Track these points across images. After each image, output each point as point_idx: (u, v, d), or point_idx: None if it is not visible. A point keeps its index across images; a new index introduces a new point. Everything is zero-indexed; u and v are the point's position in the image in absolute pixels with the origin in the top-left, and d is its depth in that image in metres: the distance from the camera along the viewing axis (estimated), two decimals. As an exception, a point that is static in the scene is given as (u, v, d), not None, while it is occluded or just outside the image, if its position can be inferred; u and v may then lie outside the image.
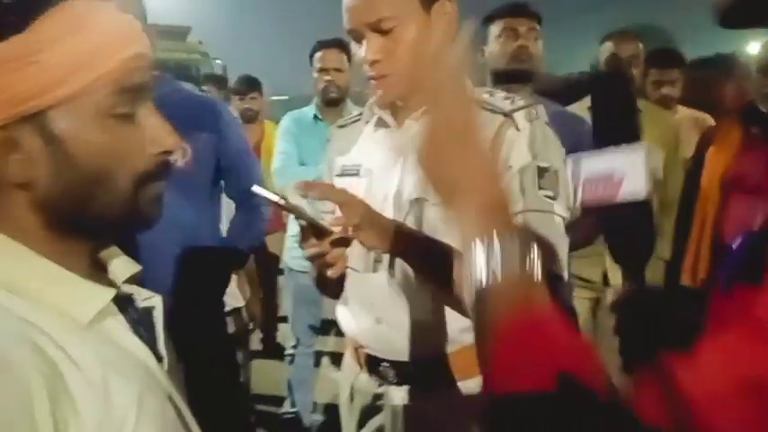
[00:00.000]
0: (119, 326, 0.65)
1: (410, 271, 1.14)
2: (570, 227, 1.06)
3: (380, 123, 1.24)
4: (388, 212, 1.14)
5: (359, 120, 1.32)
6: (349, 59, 2.66)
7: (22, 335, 0.54)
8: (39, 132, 0.57)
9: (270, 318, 3.45)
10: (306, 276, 2.65)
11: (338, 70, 2.65)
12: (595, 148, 0.71)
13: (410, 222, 1.13)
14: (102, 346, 0.60)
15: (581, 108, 2.22)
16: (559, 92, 2.45)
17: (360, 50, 1.14)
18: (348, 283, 1.26)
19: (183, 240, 1.63)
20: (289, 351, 2.83)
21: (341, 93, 2.68)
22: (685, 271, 2.24)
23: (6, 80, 0.55)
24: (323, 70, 2.67)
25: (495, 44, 1.95)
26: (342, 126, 1.37)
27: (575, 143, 1.19)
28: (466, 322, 1.12)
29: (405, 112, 1.18)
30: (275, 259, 3.23)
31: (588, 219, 1.02)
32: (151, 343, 0.69)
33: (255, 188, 1.11)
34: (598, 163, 0.69)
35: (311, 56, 2.72)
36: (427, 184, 0.61)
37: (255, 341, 3.45)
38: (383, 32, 1.09)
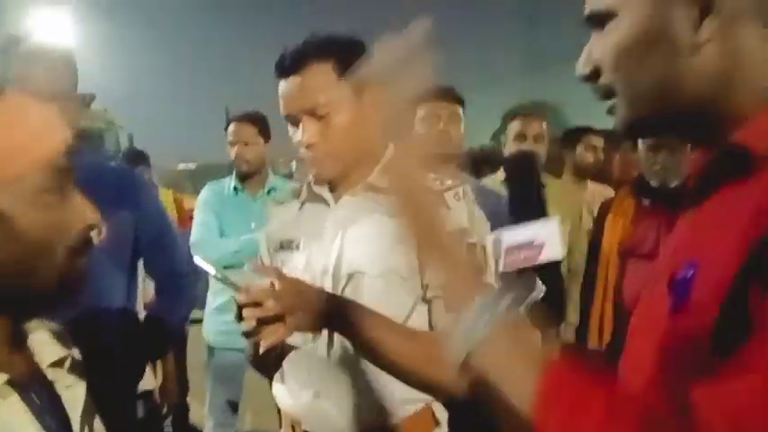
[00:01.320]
0: (15, 413, 0.65)
1: (349, 343, 1.16)
2: None
3: (318, 199, 1.28)
4: (327, 285, 1.17)
5: (294, 195, 1.36)
6: (261, 133, 2.69)
7: None
8: None
9: (181, 398, 3.29)
10: (227, 354, 2.59)
11: (246, 144, 2.67)
12: (512, 222, 0.81)
13: (348, 294, 1.16)
14: None
15: (494, 182, 2.39)
16: (472, 165, 2.62)
17: (296, 133, 1.20)
18: (287, 359, 1.26)
19: (98, 323, 1.53)
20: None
21: (251, 166, 2.69)
22: (592, 333, 2.39)
23: None
24: (232, 143, 2.70)
25: (420, 127, 2.08)
26: (280, 202, 1.41)
27: (494, 216, 1.30)
28: (408, 394, 1.15)
29: (341, 188, 1.24)
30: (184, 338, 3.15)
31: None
32: (63, 426, 0.69)
33: (197, 260, 1.11)
34: (517, 235, 0.79)
35: (225, 129, 2.76)
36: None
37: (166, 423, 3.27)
38: (318, 117, 1.16)
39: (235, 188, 2.73)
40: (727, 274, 0.52)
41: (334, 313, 1.09)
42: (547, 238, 0.79)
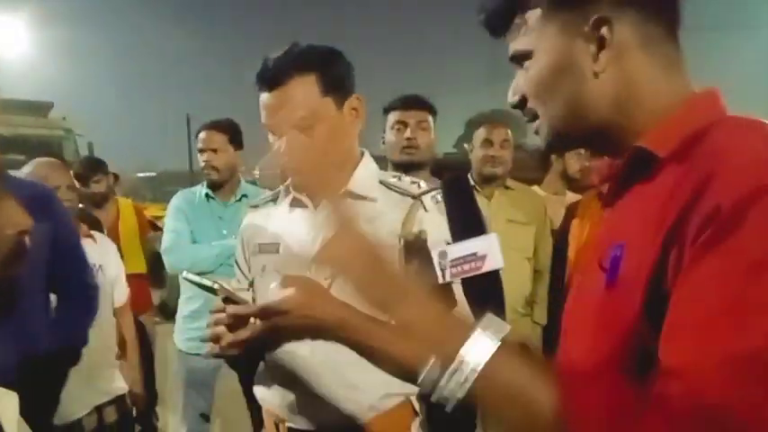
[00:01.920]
0: None
1: (333, 343, 1.19)
2: None
3: (297, 203, 1.32)
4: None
5: (271, 200, 1.39)
6: (231, 141, 2.68)
7: None
8: None
9: (149, 404, 3.26)
10: (198, 359, 2.58)
11: (215, 151, 2.66)
12: (454, 238, 0.91)
13: None
14: None
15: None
16: (437, 172, 2.69)
17: (278, 143, 1.23)
18: (270, 358, 1.28)
19: (15, 339, 1.51)
20: (178, 439, 2.68)
21: (219, 174, 2.67)
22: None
23: None
24: (201, 150, 2.69)
25: (389, 135, 2.13)
26: (255, 206, 1.43)
27: None
28: (388, 389, 1.20)
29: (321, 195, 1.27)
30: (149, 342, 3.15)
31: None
32: None
33: (186, 275, 1.15)
34: (461, 249, 0.90)
35: (196, 136, 2.75)
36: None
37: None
38: (301, 130, 1.20)
39: (206, 195, 2.72)
40: (650, 252, 0.65)
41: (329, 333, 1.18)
42: (488, 250, 0.90)
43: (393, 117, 2.14)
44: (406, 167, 2.02)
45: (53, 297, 1.74)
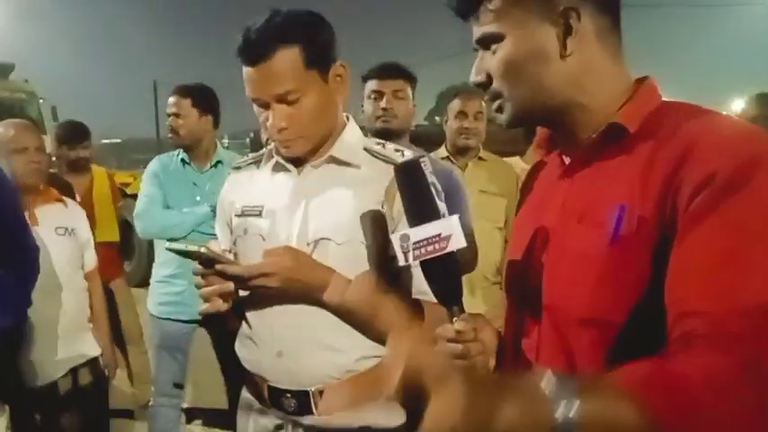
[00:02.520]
0: None
1: (311, 305, 1.23)
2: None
3: (279, 168, 1.33)
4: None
5: (254, 162, 1.40)
6: (195, 105, 2.62)
7: None
8: None
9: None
10: (171, 324, 2.59)
11: (178, 116, 2.62)
12: (411, 222, 0.94)
13: (315, 258, 1.23)
14: None
15: (437, 157, 2.49)
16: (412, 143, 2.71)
17: (263, 115, 1.24)
18: (250, 318, 1.31)
19: None
20: (151, 403, 2.70)
21: (182, 139, 2.64)
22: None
23: None
24: (167, 115, 2.65)
25: (366, 104, 2.14)
26: (237, 168, 1.44)
27: (447, 188, 1.38)
28: (363, 352, 1.23)
29: (304, 159, 1.30)
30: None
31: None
32: None
33: (169, 245, 1.16)
34: (423, 231, 0.92)
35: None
36: None
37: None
38: (289, 103, 1.21)
39: (182, 160, 2.70)
40: (646, 212, 0.75)
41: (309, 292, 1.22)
42: (452, 230, 0.91)
43: (370, 86, 2.14)
44: (382, 136, 2.04)
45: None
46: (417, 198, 0.94)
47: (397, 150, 1.29)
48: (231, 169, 1.46)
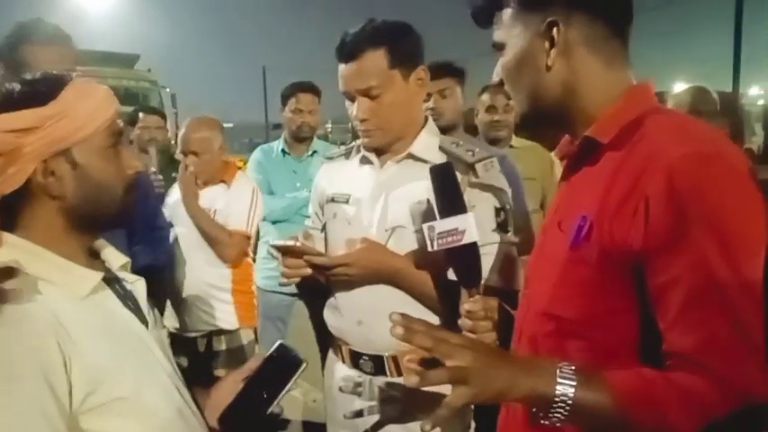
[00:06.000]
0: (110, 298, 0.94)
1: (385, 287, 1.44)
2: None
3: (365, 161, 1.54)
4: (372, 234, 1.45)
5: (344, 155, 1.63)
6: (319, 101, 2.98)
7: (39, 299, 0.83)
8: (67, 161, 0.89)
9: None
10: (274, 295, 2.91)
11: (311, 112, 2.95)
12: (442, 215, 1.13)
13: (391, 243, 1.44)
14: (96, 311, 0.89)
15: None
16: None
17: (351, 108, 1.45)
18: (337, 292, 1.53)
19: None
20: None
21: (311, 132, 2.99)
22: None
23: (48, 131, 0.86)
24: (298, 111, 2.95)
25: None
26: (330, 158, 1.67)
27: (513, 181, 1.54)
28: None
29: (386, 155, 1.50)
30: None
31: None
32: (137, 311, 0.98)
33: (273, 242, 1.40)
34: (445, 224, 1.11)
35: (285, 96, 3.00)
36: None
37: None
38: (371, 97, 1.41)
39: (282, 150, 3.01)
40: (603, 225, 0.83)
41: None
42: (467, 227, 1.09)
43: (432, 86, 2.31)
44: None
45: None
46: (445, 195, 1.13)
47: (468, 150, 1.45)
48: (324, 159, 1.69)
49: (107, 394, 0.83)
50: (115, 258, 1.02)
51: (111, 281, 0.97)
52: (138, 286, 1.03)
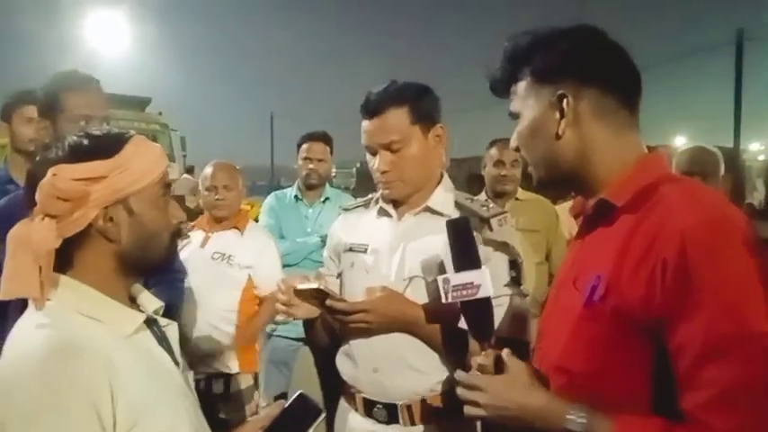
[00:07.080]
0: (149, 338, 1.01)
1: (403, 335, 1.46)
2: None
3: (383, 213, 1.59)
4: (389, 283, 1.48)
5: (361, 206, 1.68)
6: (331, 151, 3.06)
7: (90, 336, 0.89)
8: (125, 209, 0.96)
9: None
10: (280, 340, 2.92)
11: (321, 160, 3.03)
12: (456, 270, 1.18)
13: (408, 292, 1.47)
14: (139, 350, 0.95)
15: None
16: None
17: (373, 161, 1.52)
18: (352, 340, 1.54)
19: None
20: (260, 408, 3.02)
21: (321, 180, 3.05)
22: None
23: (112, 181, 0.94)
24: (308, 159, 3.02)
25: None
26: (348, 210, 1.72)
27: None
28: (442, 375, 1.46)
29: (404, 207, 1.55)
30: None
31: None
32: (170, 353, 1.04)
33: (300, 286, 1.41)
34: (460, 278, 1.16)
35: (298, 145, 3.09)
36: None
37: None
38: (393, 151, 1.47)
39: (296, 196, 3.07)
40: (616, 287, 0.87)
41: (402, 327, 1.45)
42: (482, 281, 1.13)
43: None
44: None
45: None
46: (461, 249, 1.18)
47: (482, 206, 1.51)
48: (341, 210, 1.74)
49: (145, 429, 0.87)
50: (149, 302, 1.08)
51: (150, 322, 1.03)
52: (170, 330, 1.08)
